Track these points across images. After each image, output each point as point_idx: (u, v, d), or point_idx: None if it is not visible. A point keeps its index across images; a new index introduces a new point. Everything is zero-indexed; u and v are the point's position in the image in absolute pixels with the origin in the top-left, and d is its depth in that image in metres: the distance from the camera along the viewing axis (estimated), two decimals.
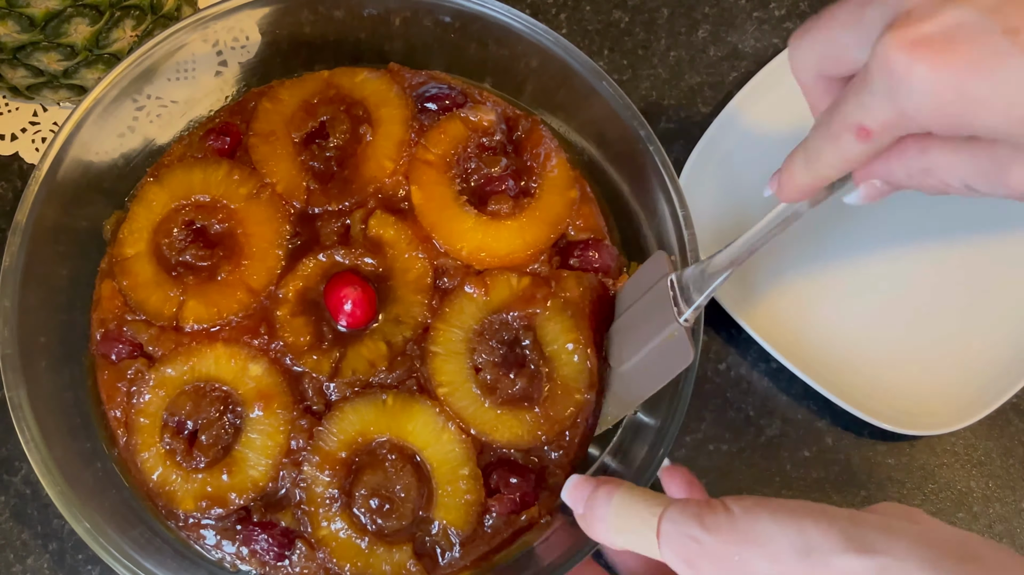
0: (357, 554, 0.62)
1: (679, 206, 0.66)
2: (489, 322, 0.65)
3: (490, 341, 0.64)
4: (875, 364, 0.74)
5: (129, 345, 0.65)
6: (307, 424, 0.63)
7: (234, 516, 0.63)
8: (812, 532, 0.42)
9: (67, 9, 0.65)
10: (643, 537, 0.48)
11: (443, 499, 0.63)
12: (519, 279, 0.65)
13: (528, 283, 0.65)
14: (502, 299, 0.65)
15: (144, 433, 0.64)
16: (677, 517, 0.47)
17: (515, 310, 0.64)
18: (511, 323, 0.65)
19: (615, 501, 0.50)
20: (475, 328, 0.64)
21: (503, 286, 0.65)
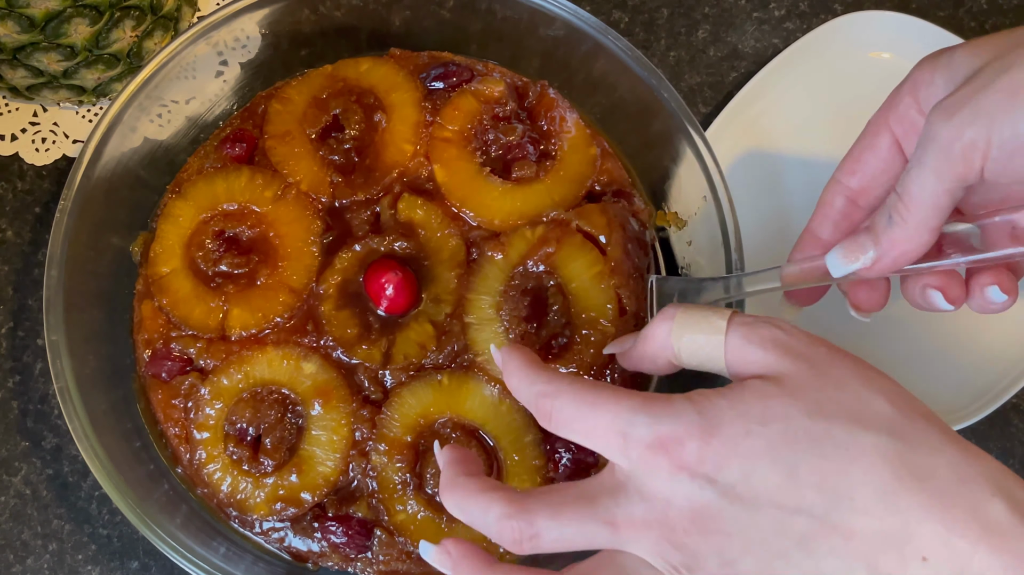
0: (437, 533, 0.62)
1: (704, 149, 0.67)
2: (512, 279, 0.64)
3: (516, 297, 0.64)
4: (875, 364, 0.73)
5: (179, 362, 0.66)
6: (368, 414, 0.64)
7: (309, 514, 0.64)
8: None
9: (67, 10, 0.65)
10: (710, 327, 0.48)
11: (512, 468, 0.63)
12: (534, 230, 0.64)
13: (543, 231, 0.64)
14: (519, 252, 0.64)
15: (207, 446, 0.64)
16: (750, 316, 0.48)
17: (530, 256, 0.64)
18: (531, 271, 0.64)
19: (684, 306, 0.50)
20: (501, 290, 0.64)
21: (519, 240, 0.65)
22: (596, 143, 0.70)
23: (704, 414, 0.44)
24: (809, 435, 0.43)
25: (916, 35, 0.77)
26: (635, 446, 0.44)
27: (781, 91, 0.78)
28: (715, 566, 0.44)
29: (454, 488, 0.48)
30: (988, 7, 0.83)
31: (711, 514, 0.43)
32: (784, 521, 0.43)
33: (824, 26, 0.78)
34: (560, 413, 0.47)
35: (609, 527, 0.45)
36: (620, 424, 0.45)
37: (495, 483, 0.48)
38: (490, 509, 0.46)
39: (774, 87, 0.78)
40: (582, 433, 0.47)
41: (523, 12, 0.71)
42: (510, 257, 0.64)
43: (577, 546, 0.46)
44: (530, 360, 0.50)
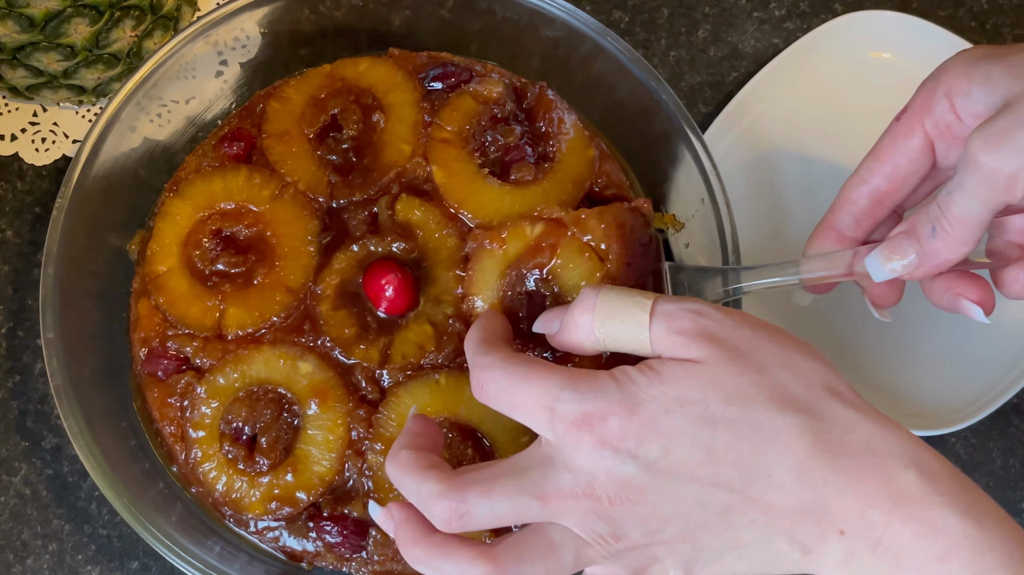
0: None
1: (702, 152, 0.67)
2: (509, 277, 0.62)
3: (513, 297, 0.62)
4: (875, 364, 0.73)
5: (175, 360, 0.66)
6: (365, 413, 0.63)
7: (304, 514, 0.63)
8: None
9: (67, 9, 0.65)
10: (632, 319, 0.48)
11: None
12: (533, 227, 0.62)
13: (543, 230, 0.62)
14: (517, 251, 0.62)
15: (203, 445, 0.64)
16: (673, 300, 0.49)
17: (527, 262, 0.61)
18: (527, 276, 0.62)
19: (604, 291, 0.50)
20: (498, 283, 0.63)
21: (518, 236, 0.62)
22: (595, 145, 0.70)
23: (625, 391, 0.46)
24: (726, 418, 0.45)
25: (916, 35, 0.77)
26: (561, 421, 0.46)
27: (781, 91, 0.77)
28: (639, 535, 0.46)
29: (395, 458, 0.50)
30: (988, 7, 0.82)
31: (634, 486, 0.45)
32: (704, 494, 0.45)
33: (824, 26, 0.78)
34: (491, 385, 0.49)
35: (539, 500, 0.46)
36: (547, 399, 0.46)
37: (435, 461, 0.49)
38: (423, 486, 0.48)
39: (774, 87, 0.77)
40: (511, 406, 0.48)
41: (522, 12, 0.71)
42: (508, 254, 0.63)
43: (508, 521, 0.47)
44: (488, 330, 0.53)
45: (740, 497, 0.45)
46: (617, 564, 0.47)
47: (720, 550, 0.46)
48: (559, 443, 0.46)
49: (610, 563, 0.47)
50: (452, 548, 0.47)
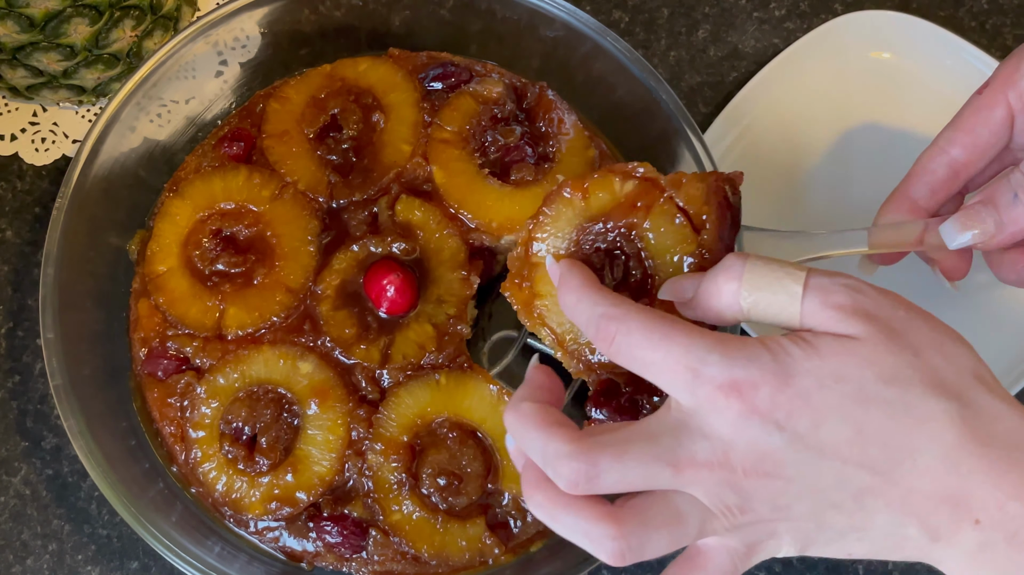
0: (432, 534, 0.62)
1: (702, 152, 0.67)
2: (584, 230, 0.56)
3: (585, 248, 0.56)
4: None
5: (175, 360, 0.66)
6: (365, 413, 0.63)
7: (304, 514, 0.63)
8: None
9: (66, 9, 0.65)
10: (784, 291, 0.46)
11: (509, 469, 0.63)
12: (623, 183, 0.56)
13: (633, 188, 0.56)
14: (602, 205, 0.56)
15: (203, 445, 0.64)
16: (827, 274, 0.47)
17: (616, 217, 0.55)
18: (608, 233, 0.56)
19: (752, 260, 0.47)
20: (571, 236, 0.56)
21: (605, 189, 0.56)
22: (595, 145, 0.70)
23: (779, 361, 0.44)
24: (881, 398, 0.44)
25: (916, 35, 0.77)
26: (705, 384, 0.44)
27: (781, 91, 0.77)
28: (767, 511, 0.44)
29: (517, 410, 0.47)
30: (988, 7, 0.82)
31: (774, 460, 0.43)
32: (846, 473, 0.43)
33: (824, 26, 0.78)
34: (624, 339, 0.46)
35: (671, 468, 0.44)
36: (691, 360, 0.44)
37: (561, 417, 0.46)
38: (550, 444, 0.45)
39: (774, 87, 0.77)
40: (646, 363, 0.45)
41: (522, 13, 0.72)
42: (590, 206, 0.56)
43: (634, 487, 0.45)
44: (593, 279, 0.49)
45: (881, 479, 0.44)
46: (734, 537, 0.45)
47: (843, 530, 0.45)
48: (698, 408, 0.44)
49: (727, 536, 0.45)
50: (578, 503, 0.45)
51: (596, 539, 0.44)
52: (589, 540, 0.45)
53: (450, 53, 0.73)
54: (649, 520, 0.44)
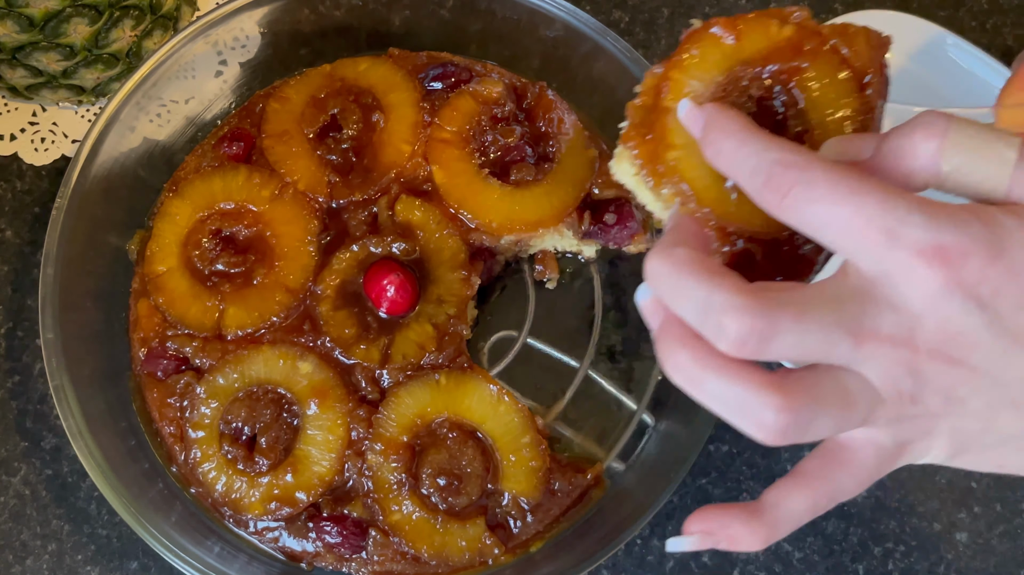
0: (431, 534, 0.62)
1: None
2: (735, 75, 0.50)
3: (734, 96, 0.50)
4: None
5: (175, 360, 0.66)
6: (365, 413, 0.63)
7: (304, 514, 0.63)
8: None
9: (66, 9, 0.65)
10: (996, 156, 0.40)
11: (508, 469, 0.63)
12: (780, 26, 0.50)
13: (793, 31, 0.50)
14: (756, 48, 0.50)
15: (202, 445, 0.64)
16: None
17: (774, 62, 0.50)
18: (763, 78, 0.50)
19: (957, 120, 0.41)
20: (718, 80, 0.50)
21: (759, 32, 0.51)
22: (594, 145, 0.70)
23: (992, 231, 0.38)
24: None
25: (916, 35, 0.77)
26: (903, 248, 0.38)
27: None
28: (938, 403, 0.39)
29: (670, 255, 0.40)
30: (988, 7, 0.82)
31: (965, 343, 0.38)
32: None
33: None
34: (806, 190, 0.39)
35: (852, 338, 0.38)
36: (888, 219, 0.38)
37: (724, 267, 0.40)
38: (715, 293, 0.38)
39: None
40: (825, 221, 0.39)
41: (522, 13, 0.71)
42: (742, 48, 0.50)
43: (808, 358, 0.39)
44: (755, 124, 0.42)
45: None
46: (888, 431, 0.40)
47: (1009, 436, 0.40)
48: (886, 276, 0.38)
49: (882, 429, 0.40)
50: (735, 366, 0.38)
51: (754, 410, 0.38)
52: (743, 412, 0.38)
53: (450, 53, 0.73)
54: (819, 397, 0.38)
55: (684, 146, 0.48)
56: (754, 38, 0.50)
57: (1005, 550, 0.70)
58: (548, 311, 0.71)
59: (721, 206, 0.47)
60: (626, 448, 0.68)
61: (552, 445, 0.66)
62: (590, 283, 0.72)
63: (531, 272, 0.72)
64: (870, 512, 0.71)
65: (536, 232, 0.68)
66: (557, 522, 0.65)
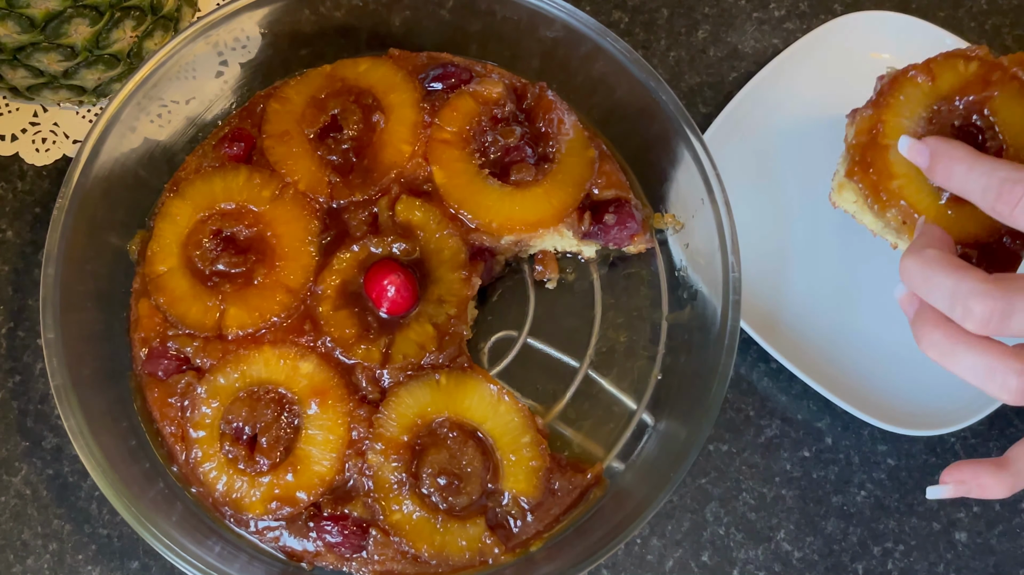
0: (432, 534, 0.62)
1: (701, 152, 0.67)
2: (936, 109, 0.62)
3: (939, 129, 0.62)
4: (875, 364, 0.73)
5: (175, 360, 0.66)
6: (365, 413, 0.63)
7: (305, 514, 0.63)
8: None
9: (67, 10, 0.65)
10: None
11: (509, 469, 0.63)
12: (967, 64, 0.62)
13: (978, 66, 0.62)
14: (950, 85, 0.62)
15: (203, 445, 0.64)
16: None
17: (969, 94, 0.61)
18: (959, 108, 0.62)
19: None
20: (923, 116, 0.62)
21: (950, 71, 0.63)
22: (594, 145, 0.70)
23: None
24: None
25: (916, 35, 0.77)
26: None
27: (781, 91, 0.77)
28: None
29: (921, 255, 0.49)
30: (988, 7, 0.82)
31: None
32: None
33: (824, 26, 0.78)
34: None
35: None
36: None
37: (967, 263, 0.48)
38: (963, 282, 0.47)
39: (774, 87, 0.77)
40: None
41: (522, 13, 0.72)
42: (938, 87, 0.62)
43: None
44: (975, 150, 0.51)
45: None
46: None
47: None
48: None
49: None
50: (981, 341, 0.47)
51: (1001, 374, 0.46)
52: (991, 376, 0.46)
53: (450, 53, 0.74)
54: None
55: (904, 175, 0.60)
56: (947, 77, 0.62)
57: (1004, 550, 0.70)
58: (548, 311, 0.72)
59: (940, 220, 0.59)
60: (626, 448, 0.68)
61: (552, 445, 0.66)
62: (590, 283, 0.72)
63: (531, 272, 0.72)
64: (870, 512, 0.71)
65: (536, 232, 0.68)
66: (557, 522, 0.65)
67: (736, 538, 0.70)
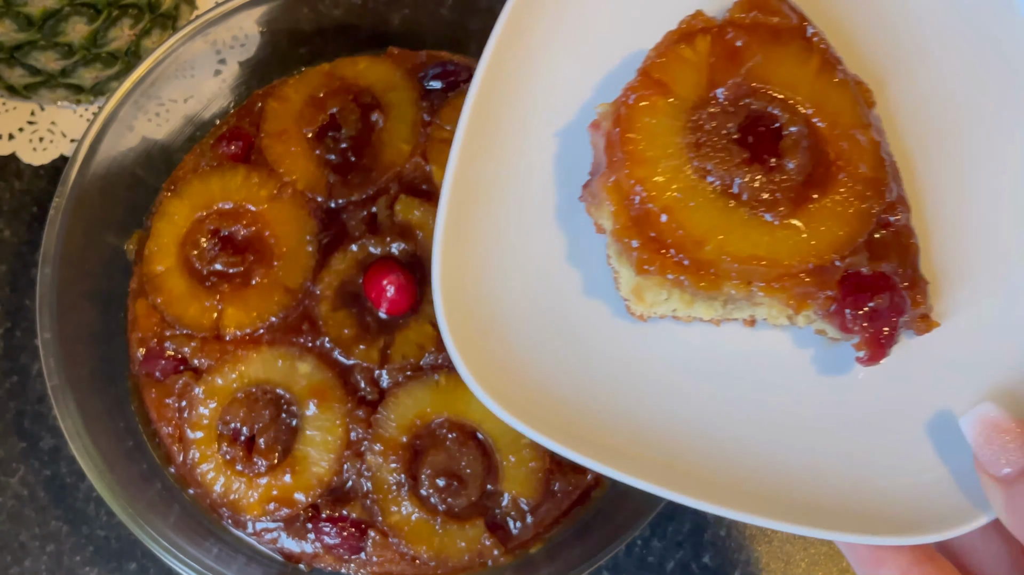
0: (431, 535, 0.62)
1: None
2: (697, 124, 0.46)
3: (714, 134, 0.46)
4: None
5: (173, 360, 0.65)
6: (364, 414, 0.63)
7: (303, 515, 0.63)
8: None
9: (65, 8, 0.65)
10: None
11: (508, 470, 0.63)
12: (695, 46, 0.47)
13: (710, 42, 0.47)
14: (694, 83, 0.47)
15: (201, 446, 0.64)
16: None
17: (723, 82, 0.47)
18: (725, 105, 0.46)
19: None
20: (687, 143, 0.46)
21: (680, 68, 0.47)
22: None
23: None
24: None
25: None
26: None
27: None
28: None
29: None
30: None
31: None
32: None
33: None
34: None
35: None
36: None
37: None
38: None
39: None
40: None
41: None
42: (680, 95, 0.46)
43: None
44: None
45: None
46: None
47: None
48: None
49: None
50: None
51: None
52: None
53: (450, 52, 0.73)
54: None
55: (712, 225, 0.45)
56: (682, 76, 0.46)
57: None
58: None
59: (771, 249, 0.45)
60: None
61: None
62: None
63: None
64: None
65: None
66: (557, 523, 0.65)
67: (737, 539, 0.70)
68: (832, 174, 0.46)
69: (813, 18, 0.49)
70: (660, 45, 0.47)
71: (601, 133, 0.47)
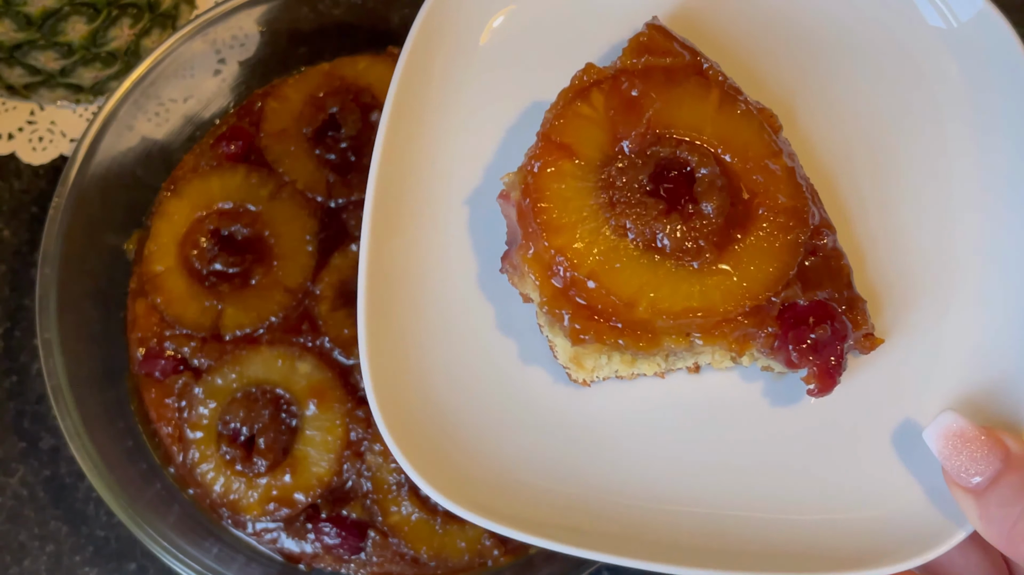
0: (431, 535, 0.62)
1: None
2: (607, 181, 0.45)
3: (624, 177, 0.45)
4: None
5: (173, 360, 0.65)
6: (364, 414, 0.63)
7: (303, 515, 0.63)
8: None
9: (64, 7, 0.65)
10: None
11: None
12: (591, 102, 0.46)
13: (606, 96, 0.47)
14: (588, 139, 0.46)
15: (200, 446, 0.64)
16: None
17: (627, 134, 0.46)
18: (628, 157, 0.46)
19: None
20: (600, 203, 0.45)
21: (579, 125, 0.46)
22: None
23: None
24: None
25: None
26: None
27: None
28: None
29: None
30: None
31: None
32: None
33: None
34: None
35: None
36: None
37: None
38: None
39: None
40: None
41: None
42: (585, 154, 0.45)
43: None
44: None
45: None
46: None
47: None
48: None
49: None
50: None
51: None
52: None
53: None
54: None
55: (640, 280, 0.45)
56: (576, 133, 0.45)
57: None
58: None
59: (698, 298, 0.45)
60: None
61: None
62: None
63: None
64: None
65: None
66: None
67: None
68: (752, 210, 0.45)
69: (708, 51, 0.48)
70: (556, 105, 0.46)
71: (511, 203, 0.47)
